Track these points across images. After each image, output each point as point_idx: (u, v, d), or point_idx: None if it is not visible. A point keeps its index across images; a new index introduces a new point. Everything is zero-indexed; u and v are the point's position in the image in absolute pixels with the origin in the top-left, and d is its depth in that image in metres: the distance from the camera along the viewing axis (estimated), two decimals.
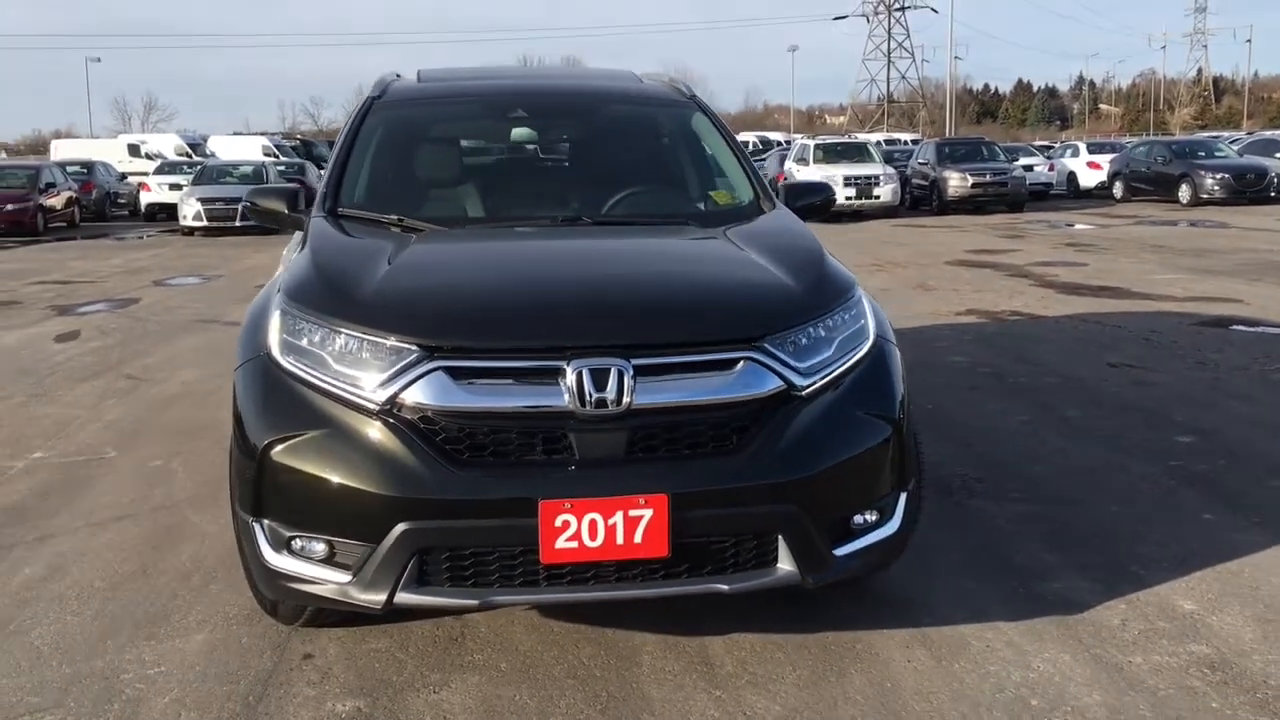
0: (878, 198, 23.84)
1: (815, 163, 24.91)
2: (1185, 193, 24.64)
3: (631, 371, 2.85)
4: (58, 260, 16.95)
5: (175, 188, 24.63)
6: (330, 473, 2.86)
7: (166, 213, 24.50)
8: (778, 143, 43.72)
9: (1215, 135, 40.79)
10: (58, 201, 23.70)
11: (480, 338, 2.95)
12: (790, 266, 3.35)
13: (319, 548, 2.93)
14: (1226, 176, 24.28)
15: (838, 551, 3.03)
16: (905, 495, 3.19)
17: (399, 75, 4.88)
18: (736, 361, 2.95)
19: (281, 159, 31.13)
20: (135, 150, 37.48)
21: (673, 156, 4.64)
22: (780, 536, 2.94)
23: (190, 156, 35.17)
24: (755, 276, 3.31)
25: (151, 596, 3.73)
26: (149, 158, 35.21)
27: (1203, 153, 26.33)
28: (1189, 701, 2.95)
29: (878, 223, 22.27)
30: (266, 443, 2.94)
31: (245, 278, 13.66)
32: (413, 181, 4.31)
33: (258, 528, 3.00)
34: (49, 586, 3.84)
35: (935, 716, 2.90)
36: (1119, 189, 27.36)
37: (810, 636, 3.33)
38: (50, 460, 5.49)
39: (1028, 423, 5.85)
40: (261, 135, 46.12)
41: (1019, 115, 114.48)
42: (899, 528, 3.17)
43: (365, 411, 2.89)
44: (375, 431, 2.86)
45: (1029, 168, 28.08)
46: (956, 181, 24.51)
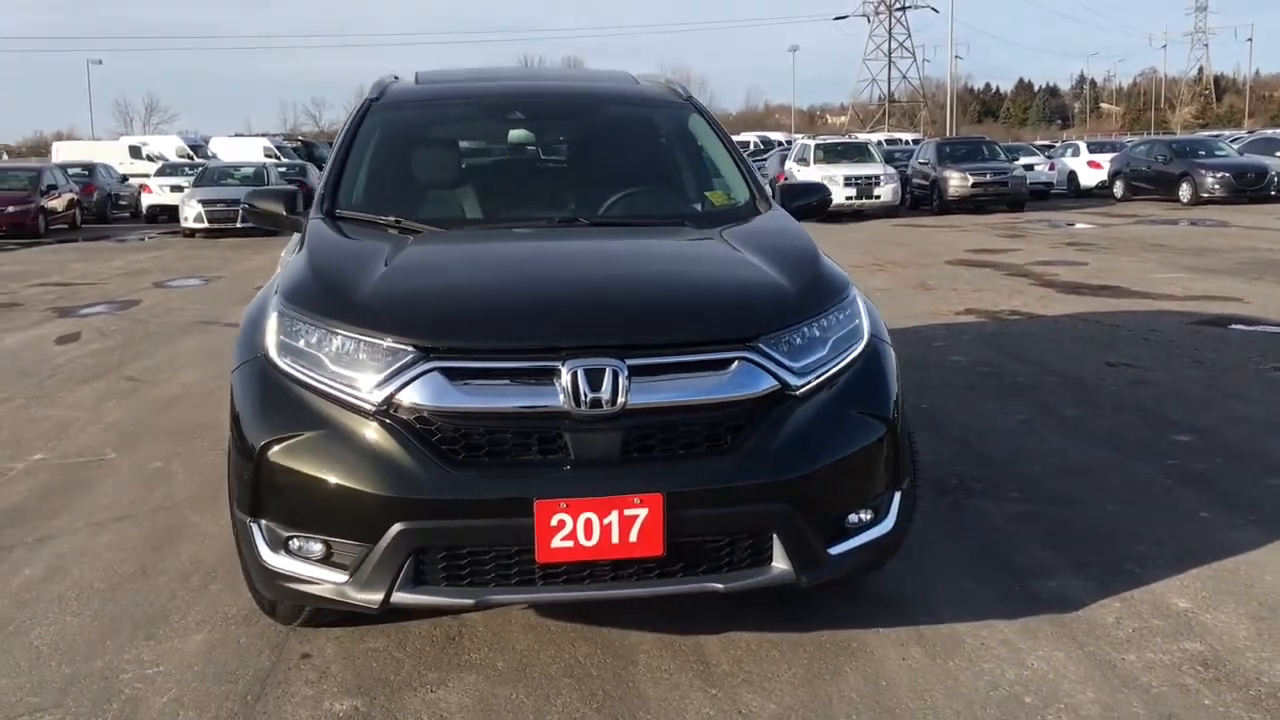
0: (878, 197, 23.85)
1: (816, 163, 24.92)
2: (1186, 192, 24.64)
3: (626, 372, 2.87)
4: (59, 262, 16.98)
5: (176, 189, 24.63)
6: (327, 473, 2.87)
7: (168, 214, 24.53)
8: (779, 143, 43.72)
9: (1216, 134, 40.83)
10: (59, 204, 23.74)
11: (475, 338, 2.97)
12: (785, 267, 3.37)
13: (316, 548, 2.95)
14: (1227, 175, 24.28)
15: (832, 550, 3.04)
16: (900, 494, 3.21)
17: (397, 77, 4.89)
18: (731, 361, 2.96)
19: (283, 160, 31.15)
20: (136, 152, 37.50)
21: (669, 158, 4.65)
22: (775, 535, 2.95)
23: (191, 158, 35.20)
24: (750, 277, 3.32)
25: (151, 597, 3.74)
26: (150, 159, 35.23)
27: (1203, 152, 26.34)
28: (1182, 699, 2.96)
29: (878, 222, 22.28)
30: (264, 443, 2.95)
31: (246, 279, 13.67)
32: (410, 183, 4.33)
33: (255, 528, 3.02)
34: (49, 587, 3.86)
35: (929, 714, 2.91)
36: (1119, 188, 27.36)
37: (805, 635, 3.34)
38: (50, 462, 5.51)
39: (1026, 422, 5.86)
40: (263, 136, 46.23)
41: (1020, 114, 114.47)
42: (893, 527, 3.19)
43: (362, 412, 2.90)
44: (372, 432, 2.88)
45: (1029, 167, 28.08)
46: (957, 181, 24.52)
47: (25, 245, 20.39)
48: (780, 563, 2.97)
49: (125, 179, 30.76)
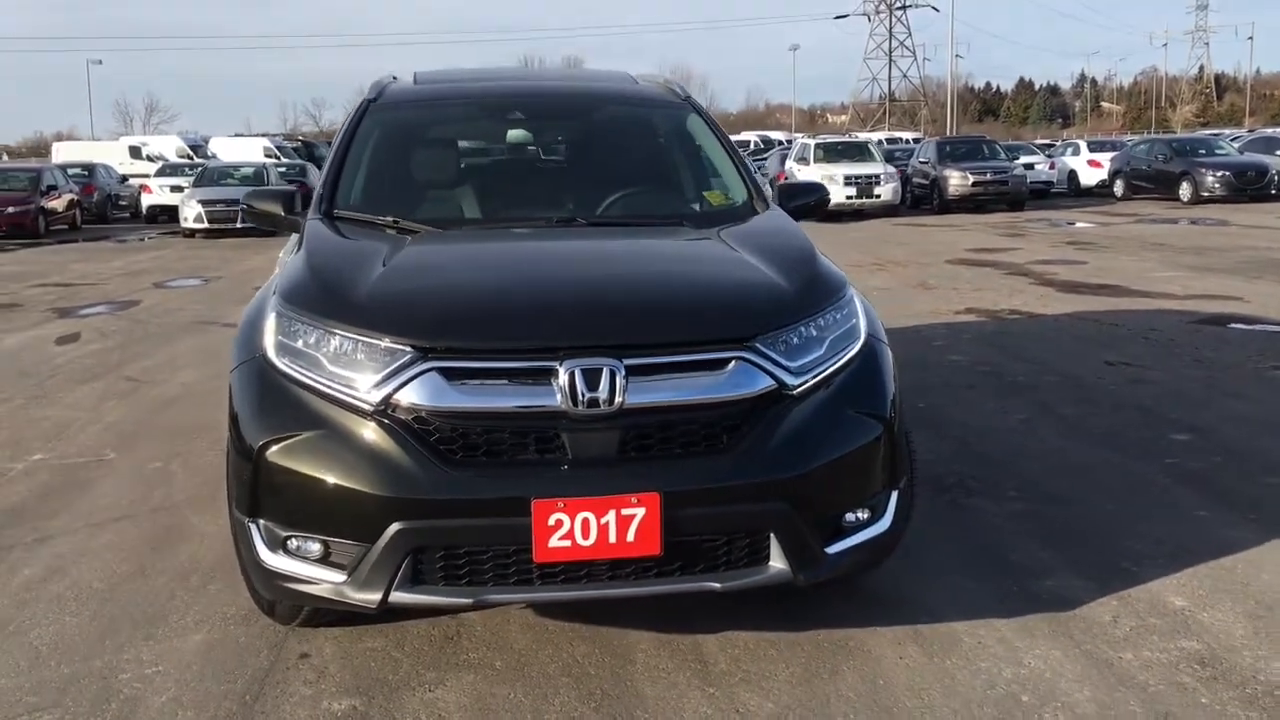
0: (878, 197, 23.86)
1: (816, 162, 24.91)
2: (1186, 190, 24.64)
3: (623, 371, 2.87)
4: (59, 263, 16.99)
5: (176, 190, 24.64)
6: (325, 473, 2.88)
7: (168, 215, 24.53)
8: (779, 142, 43.74)
9: (1216, 133, 40.79)
10: (59, 204, 23.75)
11: (473, 338, 2.97)
12: (782, 266, 3.37)
13: (314, 547, 2.95)
14: (1227, 174, 24.29)
15: (829, 549, 3.05)
16: (897, 493, 3.21)
17: (395, 77, 4.89)
18: (728, 361, 2.96)
19: (283, 160, 31.13)
20: (136, 152, 37.53)
21: (667, 158, 4.65)
22: (772, 535, 2.96)
23: (191, 158, 35.21)
24: (747, 276, 3.33)
25: (150, 597, 3.75)
26: (150, 160, 35.25)
27: (1203, 150, 26.35)
28: (1178, 697, 2.96)
29: (878, 221, 22.28)
30: (262, 443, 2.96)
31: (245, 279, 13.68)
32: (408, 183, 4.33)
33: (254, 528, 3.03)
34: (48, 587, 3.86)
35: (926, 712, 2.92)
36: (1120, 187, 27.36)
37: (803, 634, 3.34)
38: (50, 462, 5.52)
39: (1025, 421, 5.87)
40: (263, 136, 46.23)
41: (1021, 113, 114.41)
42: (890, 526, 3.19)
43: (360, 412, 2.91)
44: (370, 432, 2.88)
45: (1030, 166, 28.08)
46: (957, 180, 24.52)
47: (25, 246, 20.41)
48: (777, 562, 2.97)
49: (125, 179, 30.77)
